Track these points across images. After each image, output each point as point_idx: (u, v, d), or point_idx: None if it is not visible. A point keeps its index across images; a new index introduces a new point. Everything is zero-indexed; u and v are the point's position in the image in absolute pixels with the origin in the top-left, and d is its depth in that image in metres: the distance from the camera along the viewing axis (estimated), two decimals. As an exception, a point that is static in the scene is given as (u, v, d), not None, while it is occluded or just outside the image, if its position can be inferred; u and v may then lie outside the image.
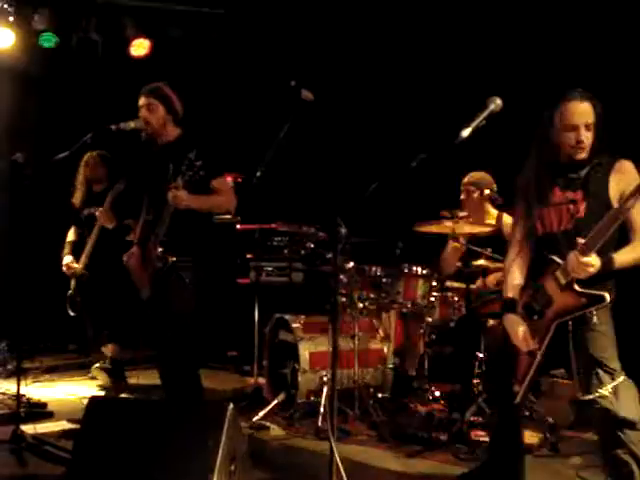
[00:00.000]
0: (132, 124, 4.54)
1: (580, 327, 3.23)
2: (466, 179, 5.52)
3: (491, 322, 5.08)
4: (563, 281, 3.22)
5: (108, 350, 6.30)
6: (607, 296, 3.11)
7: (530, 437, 4.76)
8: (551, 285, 3.29)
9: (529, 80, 5.81)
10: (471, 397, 5.00)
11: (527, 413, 4.83)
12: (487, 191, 5.44)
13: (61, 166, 4.77)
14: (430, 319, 5.39)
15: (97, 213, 5.97)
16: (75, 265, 6.20)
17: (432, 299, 5.29)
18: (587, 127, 3.30)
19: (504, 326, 3.48)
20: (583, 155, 3.33)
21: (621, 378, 3.18)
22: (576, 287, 3.18)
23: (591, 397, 3.17)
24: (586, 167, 3.36)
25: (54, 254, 6.55)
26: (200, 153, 4.27)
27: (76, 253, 6.28)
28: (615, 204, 3.20)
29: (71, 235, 6.45)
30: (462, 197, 5.46)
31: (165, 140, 4.60)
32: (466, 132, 3.11)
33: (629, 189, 3.06)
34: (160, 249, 4.30)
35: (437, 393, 5.42)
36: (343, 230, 3.37)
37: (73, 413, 5.07)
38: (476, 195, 5.47)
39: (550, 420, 4.85)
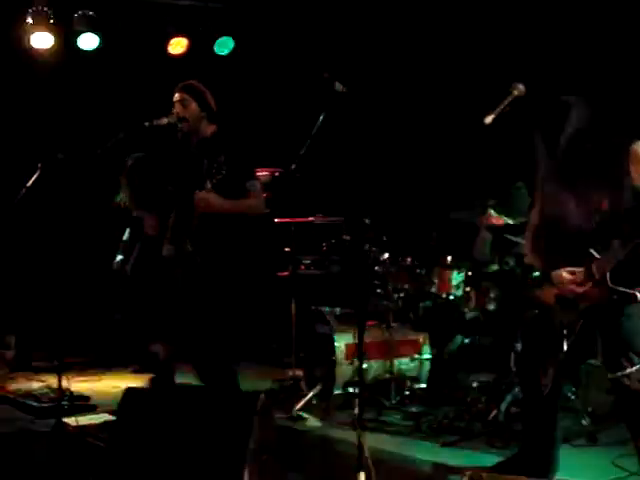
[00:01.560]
0: (165, 120, 4.59)
1: (613, 314, 3.23)
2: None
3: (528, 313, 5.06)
4: (597, 276, 3.22)
5: (156, 349, 6.39)
6: (638, 295, 3.13)
7: (568, 426, 4.75)
8: (584, 277, 3.29)
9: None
10: (507, 387, 4.98)
11: (565, 402, 4.81)
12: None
13: (97, 162, 4.85)
14: (466, 309, 5.38)
15: (145, 220, 6.00)
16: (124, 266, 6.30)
17: (467, 289, 5.27)
18: None
19: (550, 293, 3.45)
20: None
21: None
22: (609, 283, 3.18)
23: (617, 375, 3.20)
24: (601, 157, 3.31)
25: (97, 251, 6.68)
26: (231, 154, 4.31)
27: (127, 253, 6.36)
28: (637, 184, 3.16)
29: (126, 234, 6.52)
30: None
31: (200, 137, 4.65)
32: (489, 119, 3.11)
33: None
34: (190, 247, 4.35)
35: (473, 383, 5.41)
36: (367, 220, 3.37)
37: (115, 406, 5.15)
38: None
39: (588, 409, 4.81)
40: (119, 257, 6.37)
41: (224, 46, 7.73)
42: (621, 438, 4.43)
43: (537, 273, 3.85)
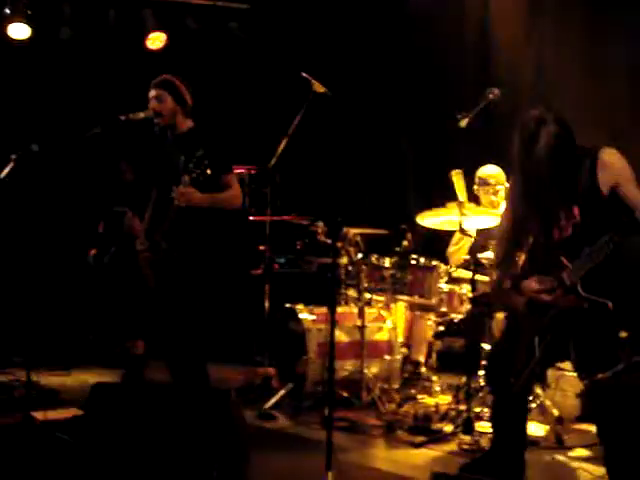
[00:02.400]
0: (142, 115, 4.60)
1: (587, 321, 3.24)
2: (492, 179, 5.52)
3: (498, 314, 5.10)
4: (568, 283, 3.24)
5: (128, 344, 6.36)
6: (610, 305, 3.14)
7: (536, 429, 4.79)
8: (554, 285, 3.30)
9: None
10: (477, 389, 5.02)
11: (533, 405, 4.85)
12: (507, 184, 5.45)
13: (73, 155, 4.83)
14: (438, 311, 5.39)
15: (126, 217, 5.96)
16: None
17: (440, 291, 5.29)
18: None
19: (520, 299, 3.45)
20: None
21: (621, 365, 3.18)
22: (580, 291, 3.20)
23: (591, 380, 3.19)
24: (571, 166, 3.29)
25: (70, 245, 6.64)
26: (210, 149, 4.31)
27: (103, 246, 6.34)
28: (605, 193, 3.19)
29: (101, 228, 6.49)
30: (491, 198, 5.48)
31: (177, 132, 4.66)
32: (464, 122, 3.14)
33: (620, 184, 3.12)
34: (164, 242, 4.34)
35: (444, 385, 5.45)
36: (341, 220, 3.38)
37: (84, 401, 5.13)
38: (501, 193, 5.48)
39: (556, 413, 4.85)
40: (94, 250, 6.34)
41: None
42: (588, 442, 4.49)
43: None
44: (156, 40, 7.80)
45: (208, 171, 4.25)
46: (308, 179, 7.14)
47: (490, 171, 5.54)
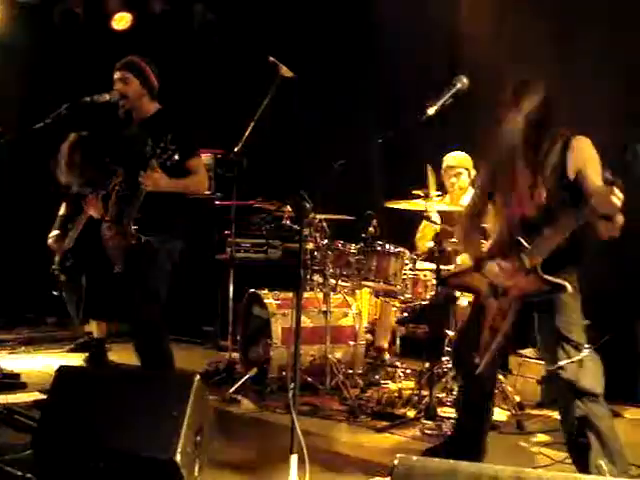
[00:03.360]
0: (107, 96, 4.53)
1: (547, 301, 3.28)
2: (453, 162, 5.57)
3: (461, 301, 5.16)
4: (528, 265, 3.27)
5: (90, 327, 6.33)
6: (569, 287, 3.16)
7: (497, 414, 4.86)
8: (515, 266, 3.32)
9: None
10: (440, 375, 5.08)
11: (495, 391, 4.91)
12: (474, 172, 5.51)
13: (37, 137, 4.76)
14: (402, 297, 5.44)
15: (87, 199, 5.89)
16: (60, 241, 6.19)
17: (404, 277, 5.33)
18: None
19: (486, 277, 3.48)
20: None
21: (586, 351, 3.23)
22: (540, 273, 3.22)
23: (554, 367, 3.22)
24: (542, 148, 3.37)
25: (33, 227, 6.56)
26: (176, 133, 4.28)
27: (65, 228, 6.26)
28: (572, 177, 3.23)
29: (62, 209, 6.41)
30: (451, 180, 5.53)
31: (143, 115, 4.60)
32: (432, 110, 3.15)
33: (585, 170, 3.15)
34: (134, 226, 4.31)
35: (407, 370, 5.50)
36: (308, 205, 3.38)
37: (47, 384, 5.08)
38: (463, 177, 5.54)
39: (517, 398, 4.93)
40: (55, 232, 6.27)
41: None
42: (548, 427, 4.57)
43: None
44: (121, 21, 7.72)
45: (176, 156, 4.22)
46: (274, 164, 7.13)
47: (454, 154, 5.61)
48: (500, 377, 4.91)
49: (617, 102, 5.29)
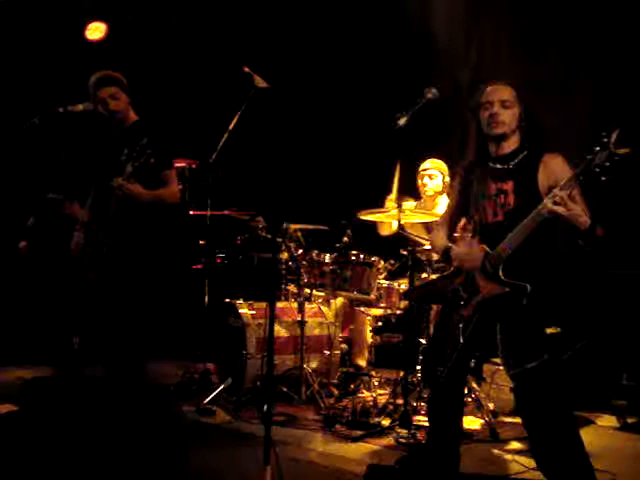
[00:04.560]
0: (80, 107, 4.54)
1: (510, 308, 3.31)
2: (428, 164, 5.64)
3: (435, 310, 5.19)
4: (490, 269, 3.32)
5: (67, 340, 6.27)
6: (528, 287, 3.21)
7: (471, 422, 4.89)
8: (478, 274, 3.39)
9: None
10: (414, 384, 5.09)
11: (469, 399, 4.95)
12: (448, 179, 5.58)
13: (9, 148, 4.75)
14: (377, 307, 5.45)
15: (65, 204, 5.84)
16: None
17: (379, 287, 5.35)
18: (503, 104, 3.40)
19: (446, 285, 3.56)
20: (499, 130, 3.41)
21: (546, 356, 3.26)
22: (500, 276, 3.28)
23: (517, 371, 3.26)
24: (515, 158, 3.45)
25: (11, 238, 6.51)
26: (152, 142, 4.28)
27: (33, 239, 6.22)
28: (543, 195, 3.27)
29: (31, 221, 6.37)
30: (423, 181, 5.59)
31: (124, 125, 4.61)
32: (403, 120, 3.18)
33: (554, 181, 3.21)
34: (104, 234, 4.30)
35: (382, 380, 5.51)
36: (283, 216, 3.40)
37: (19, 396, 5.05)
38: (437, 181, 5.61)
39: (491, 406, 4.96)
40: (23, 242, 6.23)
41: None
42: (521, 435, 4.59)
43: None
44: (95, 31, 7.68)
45: (152, 160, 4.21)
46: (249, 174, 7.13)
47: (431, 159, 5.70)
48: (474, 385, 4.95)
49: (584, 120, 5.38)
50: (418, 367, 5.20)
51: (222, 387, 5.40)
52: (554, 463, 3.24)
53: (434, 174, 5.71)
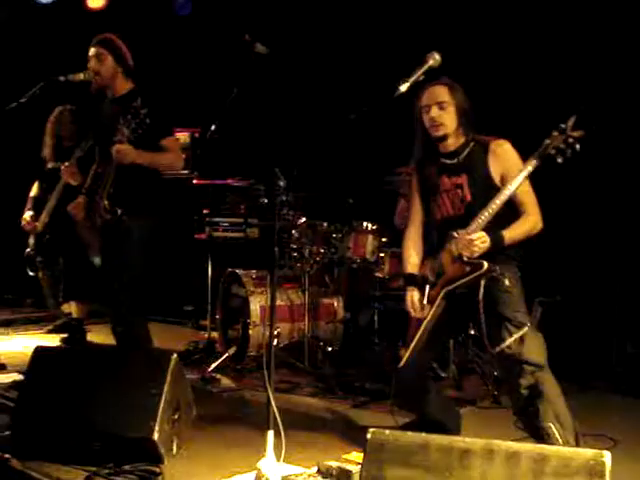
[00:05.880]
0: (81, 75, 4.50)
1: (491, 289, 3.38)
2: None
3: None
4: (455, 252, 3.39)
5: (69, 308, 6.32)
6: (485, 264, 3.29)
7: (474, 389, 4.92)
8: (445, 257, 3.48)
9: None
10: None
11: (472, 367, 4.98)
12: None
13: (11, 117, 4.74)
14: (379, 275, 5.46)
15: (62, 168, 5.87)
16: (34, 222, 6.17)
17: (381, 255, 5.35)
18: (440, 106, 3.47)
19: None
20: (440, 132, 3.51)
21: (526, 327, 3.34)
22: (463, 257, 3.35)
23: (501, 347, 3.33)
24: (463, 152, 3.54)
25: (12, 208, 6.52)
26: (150, 110, 4.25)
27: (38, 208, 6.23)
28: (497, 184, 3.41)
29: (34, 190, 6.38)
30: None
31: (116, 93, 4.57)
32: (404, 86, 3.17)
33: (510, 172, 3.33)
34: (107, 202, 4.30)
35: (385, 347, 5.53)
36: (281, 183, 3.39)
37: (25, 366, 5.07)
38: None
39: (493, 373, 4.98)
40: (29, 213, 6.24)
41: None
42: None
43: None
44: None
45: (147, 120, 4.19)
46: (252, 142, 7.11)
47: None
48: (478, 353, 4.97)
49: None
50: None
51: (226, 355, 5.43)
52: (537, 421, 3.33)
53: None
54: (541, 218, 3.43)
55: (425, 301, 3.53)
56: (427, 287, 3.55)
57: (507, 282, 3.38)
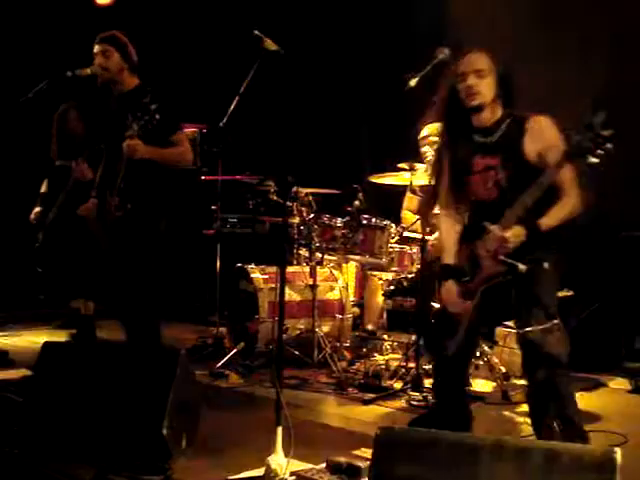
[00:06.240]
0: (88, 71, 4.52)
1: (532, 269, 3.27)
2: (426, 131, 5.56)
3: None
4: (490, 249, 3.30)
5: (78, 304, 6.31)
6: (521, 267, 3.19)
7: (483, 385, 4.90)
8: (481, 250, 3.37)
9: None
10: (426, 347, 5.10)
11: (481, 362, 4.96)
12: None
13: (19, 112, 4.74)
14: (388, 270, 5.45)
15: (73, 166, 5.87)
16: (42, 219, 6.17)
17: (390, 251, 5.34)
18: (478, 74, 3.32)
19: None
20: (476, 101, 3.35)
21: (556, 320, 3.26)
22: (499, 255, 3.26)
23: (525, 330, 3.24)
24: (498, 130, 3.40)
25: (22, 204, 6.52)
26: (159, 106, 4.25)
27: (47, 205, 6.23)
28: (535, 164, 3.26)
29: (44, 187, 6.39)
30: (423, 149, 5.51)
31: (123, 89, 4.58)
32: (413, 81, 3.16)
33: (550, 151, 3.16)
34: (117, 198, 4.30)
35: (394, 343, 5.52)
36: (290, 178, 3.38)
37: (34, 361, 5.09)
38: (428, 141, 5.52)
39: (503, 369, 4.96)
40: (37, 209, 6.25)
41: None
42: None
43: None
44: (105, -5, 7.64)
45: (156, 116, 4.19)
46: (260, 138, 7.10)
47: (427, 126, 5.59)
48: (486, 348, 4.95)
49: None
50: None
51: (234, 351, 5.43)
52: (544, 422, 3.25)
53: (435, 140, 5.57)
54: (581, 200, 3.27)
55: (461, 296, 3.43)
56: (463, 280, 3.43)
57: (546, 265, 3.26)
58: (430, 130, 5.55)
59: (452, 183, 3.60)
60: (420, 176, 5.09)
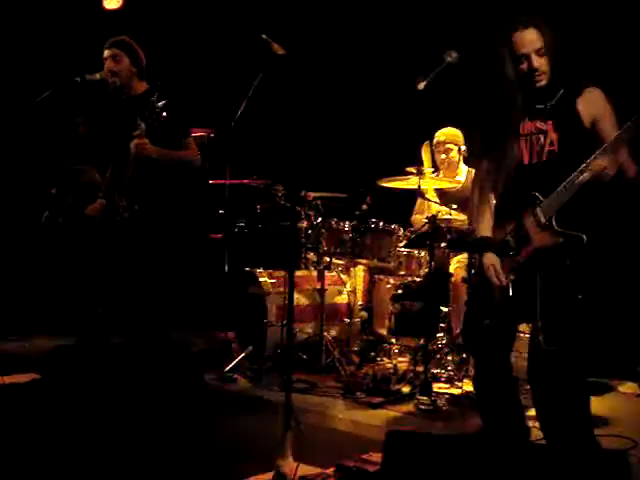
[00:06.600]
0: (97, 76, 4.54)
1: (552, 270, 3.16)
2: (442, 137, 5.57)
3: (456, 278, 5.17)
4: (543, 219, 3.16)
5: (90, 308, 6.32)
6: (584, 237, 3.07)
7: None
8: (530, 223, 3.21)
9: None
10: (435, 351, 5.10)
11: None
12: (463, 147, 5.52)
13: (28, 118, 4.76)
14: (396, 274, 5.44)
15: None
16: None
17: (398, 254, 5.33)
18: (538, 53, 3.20)
19: (482, 265, 3.32)
20: (543, 82, 3.23)
21: (576, 335, 3.14)
22: (555, 226, 3.13)
23: (549, 348, 3.09)
24: (554, 96, 3.25)
25: (23, 210, 6.54)
26: (167, 106, 4.27)
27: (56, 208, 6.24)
28: (589, 129, 3.16)
29: (54, 190, 6.40)
30: (441, 157, 5.52)
31: (131, 94, 4.61)
32: (422, 85, 3.15)
33: (601, 121, 3.09)
34: (124, 199, 4.32)
35: (402, 347, 5.51)
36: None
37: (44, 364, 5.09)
38: (453, 153, 5.54)
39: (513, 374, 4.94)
40: (47, 213, 6.26)
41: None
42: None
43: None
44: (112, 0, 7.65)
45: (164, 114, 4.21)
46: (267, 142, 7.10)
47: (443, 130, 5.60)
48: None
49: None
50: (439, 335, 5.20)
51: (243, 355, 5.43)
52: (558, 430, 3.19)
53: (450, 147, 5.58)
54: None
55: (505, 271, 3.24)
56: (510, 254, 3.25)
57: (568, 262, 3.13)
58: (446, 136, 5.56)
59: (489, 157, 3.42)
60: (433, 181, 5.09)
